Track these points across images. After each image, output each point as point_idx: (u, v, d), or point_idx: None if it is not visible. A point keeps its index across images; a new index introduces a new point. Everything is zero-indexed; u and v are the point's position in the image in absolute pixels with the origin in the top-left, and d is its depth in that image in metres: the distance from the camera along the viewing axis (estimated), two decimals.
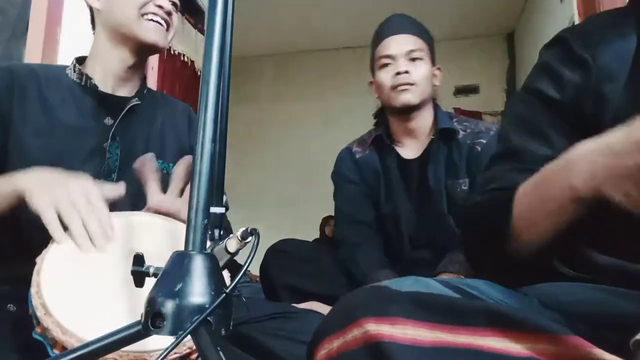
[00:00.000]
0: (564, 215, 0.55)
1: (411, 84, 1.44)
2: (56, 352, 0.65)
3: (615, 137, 0.50)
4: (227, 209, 1.21)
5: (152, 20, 1.04)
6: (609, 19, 0.73)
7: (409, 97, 1.44)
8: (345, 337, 0.48)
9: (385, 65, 1.49)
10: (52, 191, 0.78)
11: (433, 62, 1.53)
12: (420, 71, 1.46)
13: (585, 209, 0.54)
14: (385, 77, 1.48)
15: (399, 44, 1.48)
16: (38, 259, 0.73)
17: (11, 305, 0.92)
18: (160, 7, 1.04)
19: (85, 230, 0.75)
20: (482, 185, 0.72)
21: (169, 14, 1.06)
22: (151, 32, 1.04)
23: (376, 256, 1.47)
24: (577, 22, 2.30)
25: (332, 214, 1.70)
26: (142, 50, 1.08)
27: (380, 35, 1.53)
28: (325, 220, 3.86)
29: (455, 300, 0.52)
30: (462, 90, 4.57)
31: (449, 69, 4.52)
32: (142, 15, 1.04)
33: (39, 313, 0.66)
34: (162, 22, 1.05)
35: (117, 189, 0.85)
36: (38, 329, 0.67)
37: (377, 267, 1.41)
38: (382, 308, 0.48)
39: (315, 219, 3.83)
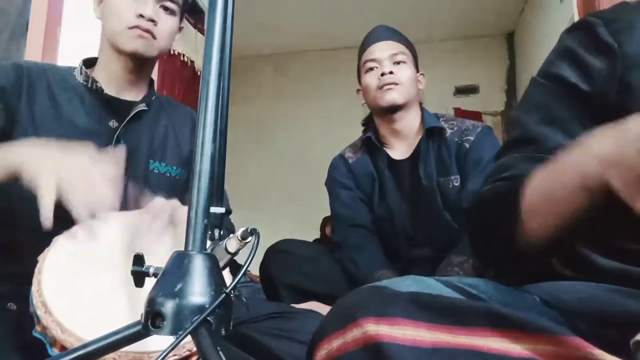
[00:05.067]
0: (573, 203, 0.52)
1: (396, 84, 1.51)
2: (55, 351, 0.65)
3: (634, 124, 0.46)
4: (229, 213, 1.20)
5: (135, 27, 1.04)
6: (637, 5, 0.69)
7: (394, 96, 1.50)
8: (345, 337, 0.48)
9: (371, 69, 1.56)
10: (49, 167, 0.73)
11: (416, 69, 1.61)
12: (404, 72, 1.53)
13: (594, 200, 0.50)
14: (371, 79, 1.55)
15: (383, 49, 1.56)
16: (39, 258, 0.73)
17: (11, 304, 0.92)
18: (141, 16, 1.04)
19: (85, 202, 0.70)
20: (492, 175, 0.68)
21: (152, 21, 1.05)
22: (131, 41, 1.05)
23: (376, 257, 1.50)
24: None
25: None
26: (134, 59, 1.09)
27: (366, 43, 1.62)
28: (326, 220, 3.85)
29: (455, 301, 0.51)
30: (462, 90, 4.56)
31: (449, 69, 4.53)
32: (128, 28, 1.05)
33: (39, 311, 0.66)
34: (143, 33, 1.05)
35: (117, 157, 0.83)
36: (38, 328, 0.68)
37: (377, 267, 1.43)
38: (381, 308, 0.48)
39: (315, 219, 3.83)
